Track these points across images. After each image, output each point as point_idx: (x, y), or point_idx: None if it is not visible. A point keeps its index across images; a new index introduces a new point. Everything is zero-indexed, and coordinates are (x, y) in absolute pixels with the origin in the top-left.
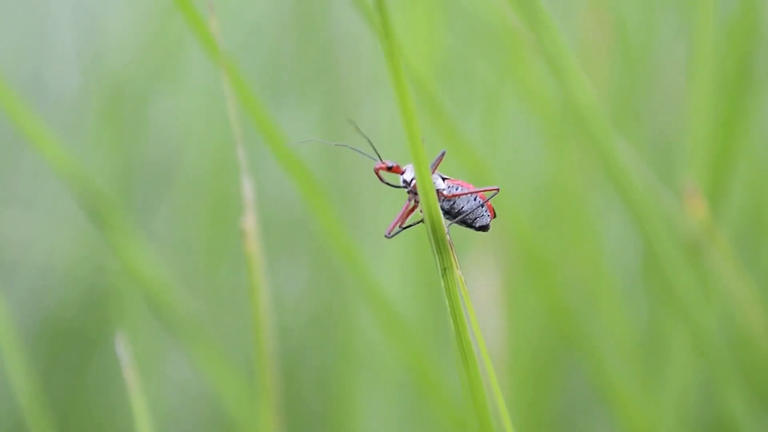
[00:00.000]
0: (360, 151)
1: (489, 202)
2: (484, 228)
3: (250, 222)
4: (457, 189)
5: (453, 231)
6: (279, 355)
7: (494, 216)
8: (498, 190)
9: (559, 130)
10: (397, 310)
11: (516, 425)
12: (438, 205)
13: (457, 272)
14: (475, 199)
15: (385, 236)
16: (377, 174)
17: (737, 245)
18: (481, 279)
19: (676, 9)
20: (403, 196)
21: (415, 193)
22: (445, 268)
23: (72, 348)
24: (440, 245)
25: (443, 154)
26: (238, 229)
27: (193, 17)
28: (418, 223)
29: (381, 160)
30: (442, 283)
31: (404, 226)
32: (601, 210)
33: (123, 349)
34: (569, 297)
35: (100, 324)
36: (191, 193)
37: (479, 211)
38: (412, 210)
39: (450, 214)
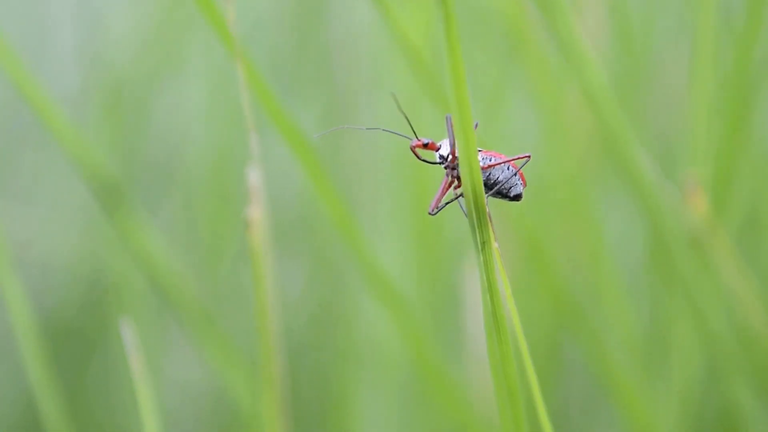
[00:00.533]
0: (393, 132)
1: (521, 171)
2: (518, 197)
3: (255, 212)
4: (490, 160)
5: (461, 225)
6: (283, 349)
7: (525, 185)
8: (530, 157)
9: (562, 119)
10: (402, 306)
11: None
12: (481, 177)
13: (495, 245)
14: (508, 169)
15: (429, 214)
16: (413, 151)
17: (739, 241)
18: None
19: (678, 3)
20: (403, 192)
21: (453, 168)
22: (483, 242)
23: (72, 347)
24: (481, 218)
25: (476, 126)
26: (241, 225)
27: (205, 4)
28: (456, 198)
29: (417, 137)
30: (480, 258)
31: (442, 204)
32: (604, 203)
33: (128, 334)
34: (572, 288)
35: (100, 323)
36: (193, 190)
37: (513, 180)
38: (450, 185)
39: (486, 185)
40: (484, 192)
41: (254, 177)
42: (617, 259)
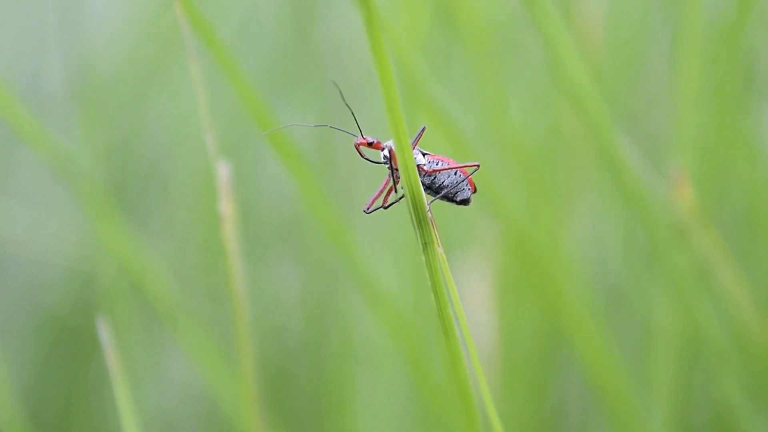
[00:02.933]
0: (341, 129)
1: (470, 177)
2: (464, 202)
3: (227, 207)
4: (437, 164)
5: (447, 227)
6: (260, 344)
7: (475, 191)
8: (478, 166)
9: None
10: (394, 304)
11: (508, 424)
12: (419, 179)
13: (438, 248)
14: (456, 174)
15: (364, 211)
16: (357, 149)
17: (727, 233)
18: (473, 278)
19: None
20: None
21: (396, 170)
22: (425, 243)
23: (70, 346)
24: (421, 220)
25: (423, 130)
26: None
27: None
28: (400, 199)
29: (362, 135)
30: (423, 258)
31: (387, 204)
32: (592, 199)
33: (105, 333)
34: (559, 296)
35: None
36: (186, 193)
37: (460, 185)
38: (394, 187)
39: (431, 189)
40: (427, 195)
41: (224, 172)
42: (606, 257)
